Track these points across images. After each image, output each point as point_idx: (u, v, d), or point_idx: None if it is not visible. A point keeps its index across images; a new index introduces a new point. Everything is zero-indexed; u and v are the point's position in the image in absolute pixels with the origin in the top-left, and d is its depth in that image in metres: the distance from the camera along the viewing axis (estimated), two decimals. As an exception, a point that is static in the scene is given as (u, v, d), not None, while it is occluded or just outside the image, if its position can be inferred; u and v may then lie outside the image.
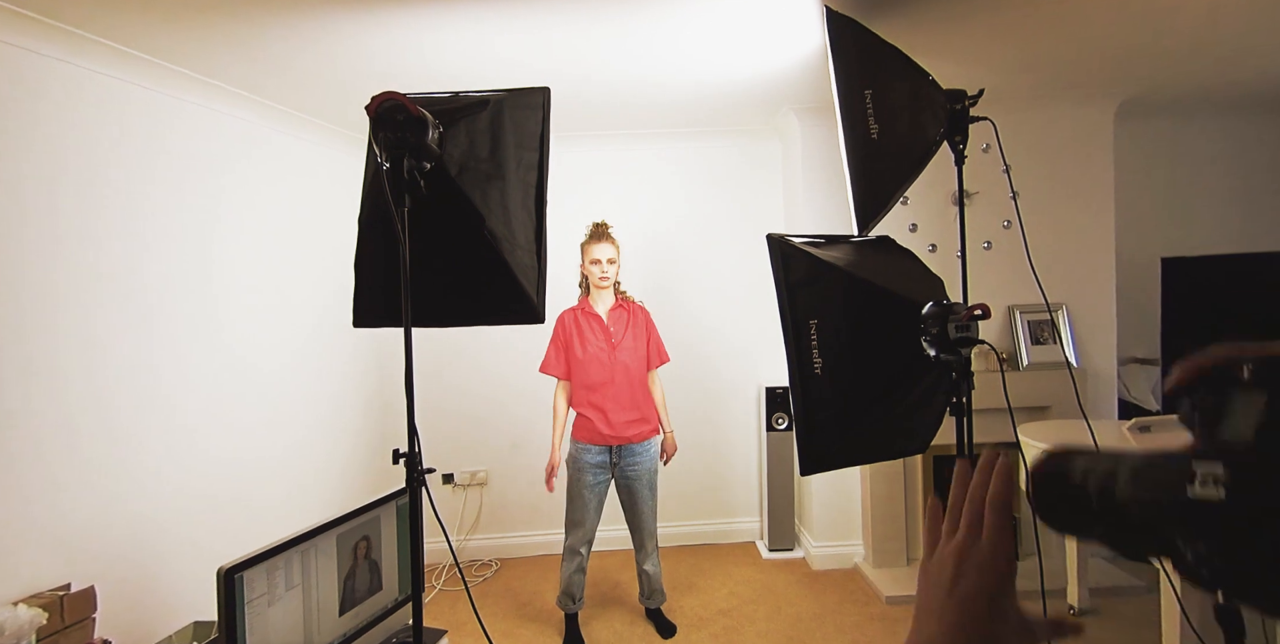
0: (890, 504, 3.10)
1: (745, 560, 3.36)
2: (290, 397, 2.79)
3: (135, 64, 2.06)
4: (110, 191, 2.03)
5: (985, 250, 3.11)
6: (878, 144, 1.69)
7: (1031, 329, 3.11)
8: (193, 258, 2.32)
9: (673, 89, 2.67)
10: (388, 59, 2.19)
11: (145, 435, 2.10)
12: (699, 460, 3.54)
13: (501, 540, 3.51)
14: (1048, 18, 2.06)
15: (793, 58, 2.35)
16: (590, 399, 2.55)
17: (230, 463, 2.44)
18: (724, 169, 3.51)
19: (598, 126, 3.24)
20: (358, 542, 1.70)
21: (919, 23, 2.04)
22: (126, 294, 2.05)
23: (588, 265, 2.59)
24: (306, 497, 2.84)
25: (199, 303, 2.33)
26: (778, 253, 1.59)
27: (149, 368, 2.12)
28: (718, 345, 3.54)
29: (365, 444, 3.29)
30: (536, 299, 1.48)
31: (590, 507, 2.55)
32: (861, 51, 1.74)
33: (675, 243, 3.51)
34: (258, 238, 2.64)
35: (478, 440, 3.49)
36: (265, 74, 2.30)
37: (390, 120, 1.26)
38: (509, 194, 1.45)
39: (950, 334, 1.42)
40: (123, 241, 2.05)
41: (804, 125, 3.11)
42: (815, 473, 1.53)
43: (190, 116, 2.32)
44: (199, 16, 1.83)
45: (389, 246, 1.39)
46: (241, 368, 2.52)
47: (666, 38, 2.10)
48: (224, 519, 2.38)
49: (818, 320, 1.52)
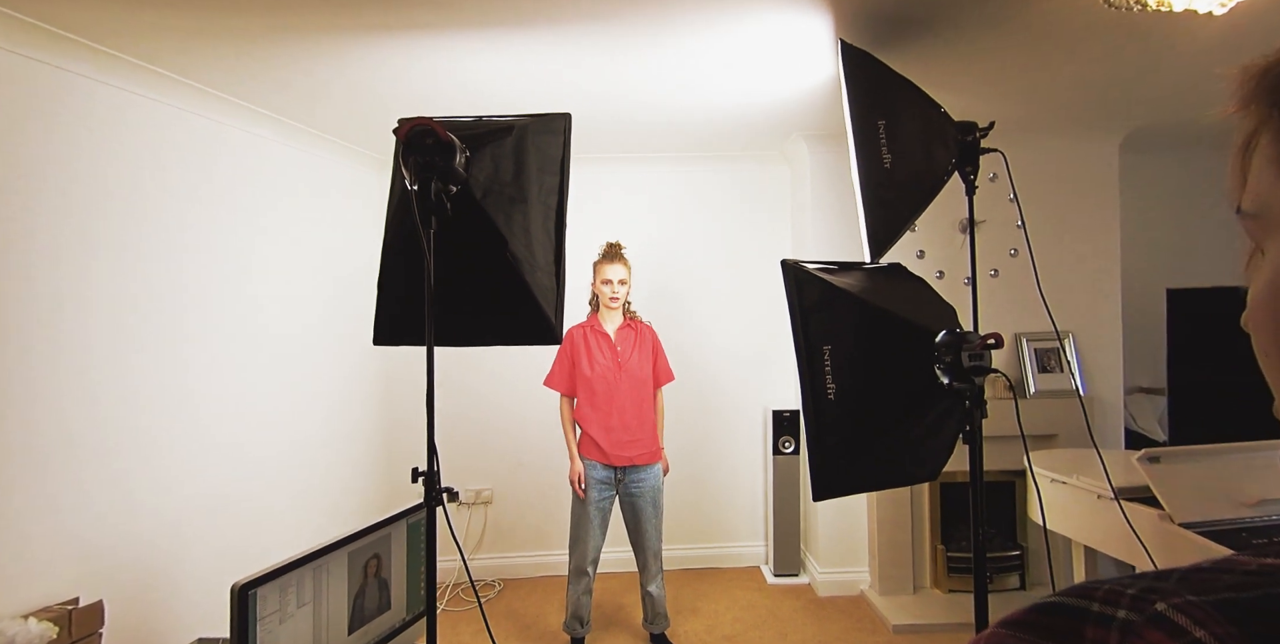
0: (897, 531, 3.08)
1: (750, 585, 3.33)
2: (298, 415, 2.80)
3: (176, 88, 2.13)
4: (151, 209, 2.08)
5: (992, 278, 3.14)
6: (890, 173, 1.73)
7: (1039, 357, 3.12)
8: (227, 280, 2.38)
9: (687, 113, 2.73)
10: (418, 83, 2.25)
11: (154, 452, 2.10)
12: (704, 483, 3.53)
13: (505, 560, 3.49)
14: (1053, 55, 2.12)
15: (804, 86, 2.41)
16: (595, 419, 2.56)
17: (237, 480, 2.44)
18: (733, 192, 3.56)
19: (611, 147, 3.30)
20: (368, 560, 1.70)
21: (930, 56, 2.10)
22: (151, 315, 2.08)
23: (599, 285, 2.62)
24: (311, 514, 2.84)
25: (223, 325, 2.36)
26: (792, 278, 1.61)
27: (163, 384, 2.14)
28: (724, 368, 3.55)
29: (372, 461, 3.29)
30: (554, 320, 1.50)
31: (595, 523, 2.55)
32: (875, 82, 1.79)
33: (683, 264, 3.55)
34: (284, 258, 2.68)
35: (483, 458, 3.48)
36: (299, 99, 2.37)
37: (420, 144, 1.30)
38: (531, 217, 1.49)
39: (964, 362, 1.44)
40: (161, 262, 2.11)
41: (813, 152, 3.16)
42: (827, 498, 1.53)
43: (230, 140, 2.39)
44: (241, 45, 1.88)
45: (412, 266, 1.42)
46: (253, 384, 2.53)
47: (684, 64, 2.16)
48: (228, 537, 2.37)
49: (831, 346, 1.54)
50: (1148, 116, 2.89)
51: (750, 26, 1.86)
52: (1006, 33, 1.92)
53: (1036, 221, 3.14)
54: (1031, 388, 3.08)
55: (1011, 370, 3.13)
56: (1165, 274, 3.46)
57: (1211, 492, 1.89)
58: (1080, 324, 3.17)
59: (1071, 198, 3.19)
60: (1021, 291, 3.09)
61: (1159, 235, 3.53)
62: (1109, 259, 3.20)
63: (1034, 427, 3.04)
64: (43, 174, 1.76)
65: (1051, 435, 3.04)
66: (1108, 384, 3.18)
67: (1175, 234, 3.55)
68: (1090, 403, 3.08)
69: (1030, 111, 2.77)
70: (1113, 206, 3.20)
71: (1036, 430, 3.04)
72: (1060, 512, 2.31)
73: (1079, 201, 3.19)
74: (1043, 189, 3.15)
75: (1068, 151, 3.17)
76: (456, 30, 1.85)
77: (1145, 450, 1.99)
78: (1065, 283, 3.17)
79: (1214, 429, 2.57)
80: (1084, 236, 3.19)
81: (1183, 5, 1.45)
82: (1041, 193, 3.14)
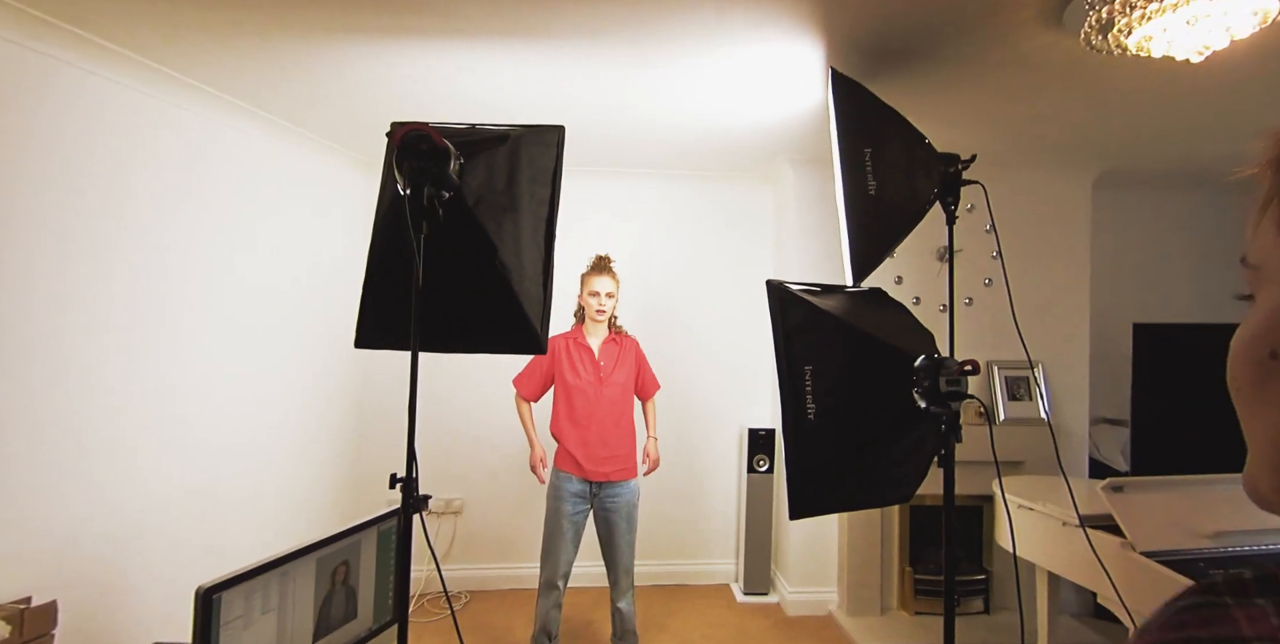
0: (867, 551, 3.10)
1: (720, 603, 3.32)
2: (270, 415, 2.75)
3: (164, 81, 2.10)
4: (132, 201, 2.05)
5: (966, 306, 3.22)
6: (875, 200, 1.77)
7: (1009, 385, 3.19)
8: (205, 278, 2.34)
9: (677, 131, 2.77)
10: (413, 88, 2.25)
11: (123, 450, 2.05)
12: (677, 499, 3.52)
13: (472, 572, 3.43)
14: (1035, 93, 2.20)
15: (791, 111, 2.46)
16: (573, 433, 2.55)
17: (205, 479, 2.38)
18: (718, 211, 3.60)
19: (601, 161, 3.32)
20: (337, 566, 1.66)
21: (915, 88, 2.16)
22: (126, 311, 2.04)
23: (586, 297, 2.62)
24: (279, 516, 2.77)
25: (199, 323, 2.32)
26: (776, 298, 1.64)
27: (136, 380, 2.09)
28: (703, 385, 3.57)
29: (341, 464, 3.23)
30: (540, 330, 1.50)
31: (568, 537, 2.52)
32: (863, 111, 1.84)
33: (666, 279, 3.57)
34: (264, 257, 2.65)
35: (455, 468, 3.44)
36: (292, 98, 2.36)
37: (415, 149, 1.31)
38: (521, 227, 1.49)
39: (941, 387, 1.47)
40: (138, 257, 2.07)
41: (798, 175, 3.22)
42: (804, 517, 1.55)
43: (216, 136, 2.37)
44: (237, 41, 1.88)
45: (399, 270, 1.41)
46: (227, 382, 2.48)
47: (676, 84, 2.19)
48: (191, 537, 2.31)
49: (813, 366, 1.56)
50: (1123, 156, 3.01)
51: (744, 51, 1.91)
52: (990, 68, 1.99)
53: (1010, 253, 3.22)
54: (1001, 415, 3.14)
55: (983, 397, 3.20)
56: (1132, 309, 3.57)
57: (1172, 522, 1.95)
58: (1049, 354, 3.26)
59: (1045, 231, 3.29)
60: (993, 320, 3.17)
61: (1128, 271, 3.65)
62: (1079, 292, 3.29)
63: (1002, 453, 3.09)
64: (22, 161, 1.73)
65: (1019, 462, 3.10)
66: (1073, 414, 3.26)
67: (1144, 270, 3.67)
68: (1056, 431, 3.15)
69: (1010, 146, 2.87)
70: (1084, 241, 3.30)
71: (1005, 457, 3.10)
72: (1026, 537, 2.35)
73: (1052, 235, 3.30)
74: (1018, 222, 3.24)
75: (1044, 186, 3.27)
76: (456, 38, 1.86)
77: (1109, 480, 2.04)
78: (1036, 313, 3.26)
79: (1174, 461, 2.65)
80: (1056, 269, 3.29)
81: (1161, 51, 1.52)
82: (1017, 225, 3.24)
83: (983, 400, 3.19)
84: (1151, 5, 1.40)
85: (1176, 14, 1.41)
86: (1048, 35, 1.75)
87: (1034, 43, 1.80)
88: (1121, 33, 1.51)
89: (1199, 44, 1.46)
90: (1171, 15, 1.42)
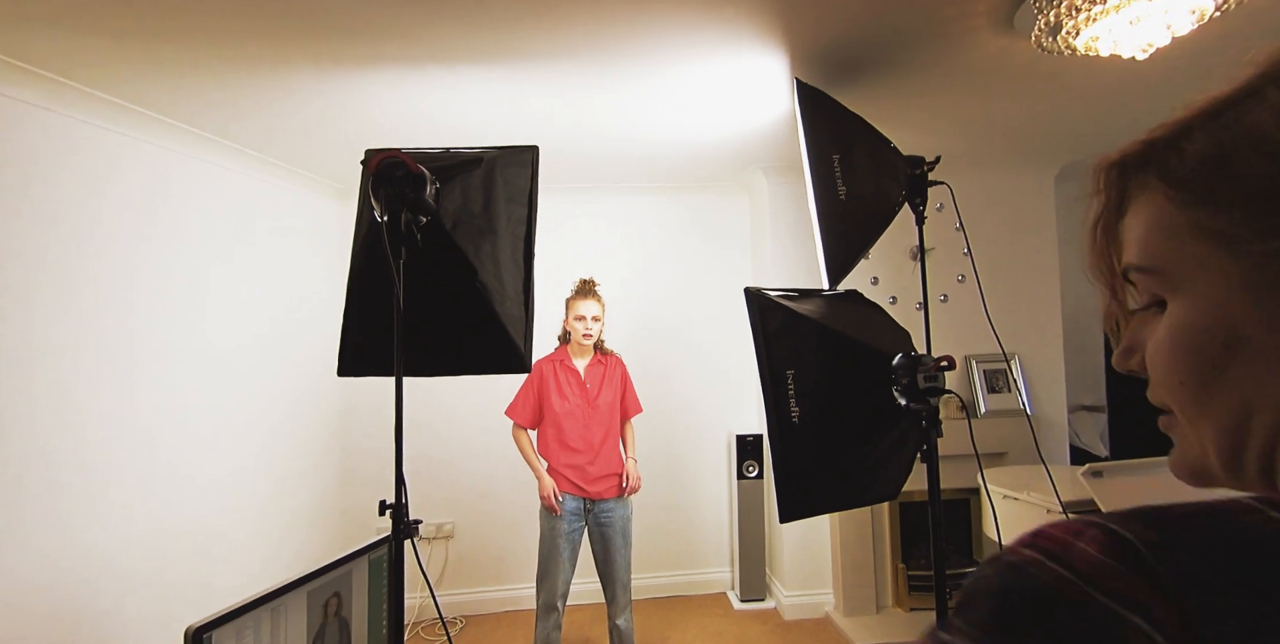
0: (860, 551, 3.13)
1: (717, 612, 3.31)
2: (251, 448, 2.71)
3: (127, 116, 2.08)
4: (99, 237, 2.02)
5: (942, 303, 3.28)
6: (845, 204, 1.81)
7: (988, 378, 3.25)
8: (177, 309, 2.30)
9: (649, 146, 2.80)
10: (383, 114, 2.25)
11: (99, 487, 2.00)
12: (670, 510, 3.52)
13: (467, 596, 3.39)
14: (992, 94, 2.26)
15: (761, 121, 2.51)
16: (564, 456, 2.54)
17: (186, 515, 2.33)
18: (695, 222, 3.64)
19: (576, 178, 3.34)
20: (329, 598, 1.64)
21: (879, 94, 2.22)
22: (98, 345, 2.00)
23: (572, 321, 2.61)
24: (264, 549, 2.72)
25: (173, 355, 2.28)
26: (755, 305, 1.66)
27: (109, 416, 2.04)
28: (688, 393, 3.59)
29: (328, 494, 3.18)
30: (524, 348, 1.51)
31: (564, 556, 2.51)
32: (829, 119, 1.88)
33: (646, 292, 3.59)
34: (238, 288, 2.62)
35: (444, 491, 3.40)
36: (259, 128, 2.34)
37: (390, 176, 1.31)
38: (500, 247, 1.50)
39: (919, 384, 1.50)
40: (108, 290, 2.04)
41: (771, 183, 3.27)
42: (794, 520, 1.56)
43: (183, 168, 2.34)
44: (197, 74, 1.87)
45: (379, 297, 1.41)
46: (205, 415, 2.44)
47: (647, 99, 2.22)
48: (175, 576, 2.25)
49: (795, 370, 1.59)
50: (1082, 149, 3.10)
51: (711, 64, 1.95)
52: (948, 72, 2.05)
53: (981, 249, 3.29)
54: (982, 407, 3.20)
55: (963, 391, 3.25)
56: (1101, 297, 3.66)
57: (1150, 503, 1.99)
58: (1025, 346, 3.33)
59: (1013, 226, 3.37)
60: (969, 316, 3.23)
61: (1092, 261, 3.74)
62: (1049, 283, 3.38)
63: (985, 445, 3.15)
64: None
65: (1002, 453, 3.15)
66: (1052, 403, 3.32)
67: (1107, 260, 3.76)
68: (1036, 421, 3.22)
69: (973, 146, 2.94)
70: (1051, 234, 3.39)
71: (988, 449, 3.15)
72: (1013, 527, 2.39)
73: (1020, 230, 3.38)
74: (986, 218, 3.32)
75: (1008, 183, 3.36)
76: (428, 63, 1.87)
77: (1089, 465, 2.09)
78: (1010, 306, 3.33)
79: (1151, 444, 2.71)
80: (1025, 263, 3.37)
81: (1108, 50, 1.58)
82: (985, 222, 3.32)
83: (963, 395, 3.25)
84: (1096, 8, 1.46)
85: (1120, 15, 1.47)
86: (1000, 39, 1.81)
87: (988, 47, 1.86)
88: (1070, 34, 1.57)
89: (1143, 42, 1.52)
90: (1115, 16, 1.48)
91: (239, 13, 1.56)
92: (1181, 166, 0.37)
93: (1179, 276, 0.37)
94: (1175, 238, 0.37)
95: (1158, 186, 0.38)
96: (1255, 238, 0.33)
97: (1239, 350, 0.34)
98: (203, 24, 1.61)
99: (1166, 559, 0.28)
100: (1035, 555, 0.30)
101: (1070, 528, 0.30)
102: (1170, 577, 0.27)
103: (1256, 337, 0.34)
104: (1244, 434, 0.35)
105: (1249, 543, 0.28)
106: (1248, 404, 0.35)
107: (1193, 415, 0.38)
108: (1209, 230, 0.35)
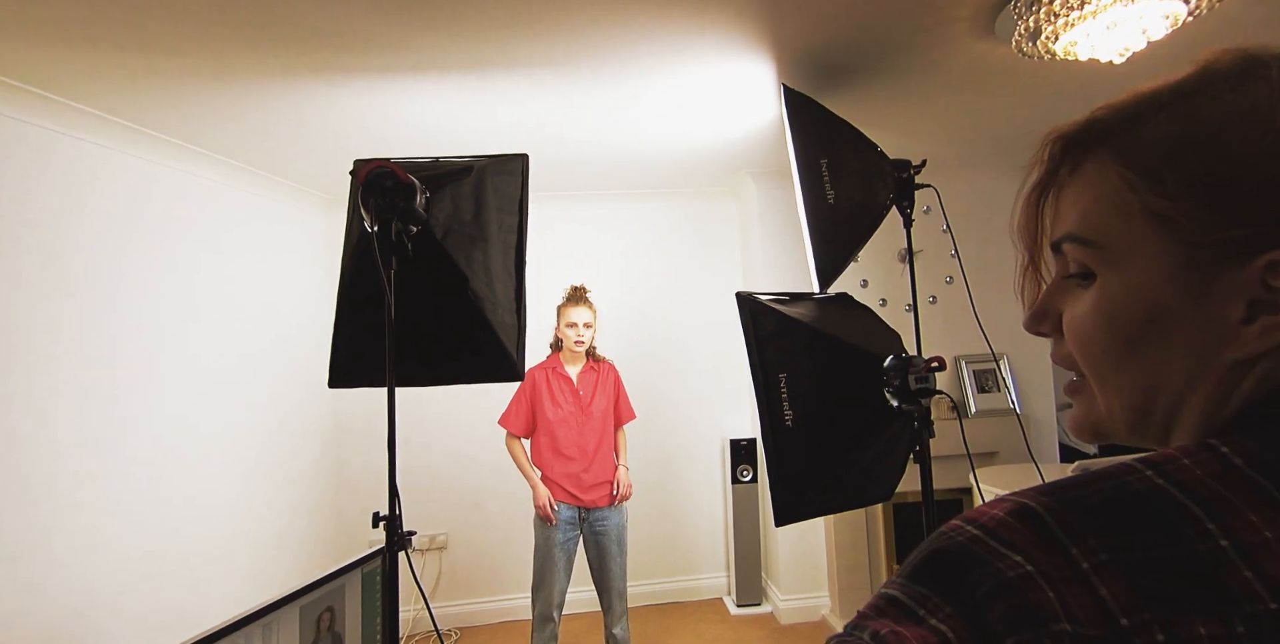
0: (854, 553, 3.13)
1: (713, 617, 3.30)
2: (238, 463, 2.67)
3: (110, 128, 2.06)
4: (79, 252, 1.98)
5: (931, 304, 3.31)
6: (834, 208, 1.83)
7: (978, 378, 3.28)
8: (160, 323, 2.27)
9: (639, 152, 2.81)
10: (370, 124, 2.25)
11: (80, 508, 1.96)
12: (664, 517, 3.51)
13: (462, 608, 3.36)
14: (976, 97, 2.30)
15: (750, 127, 2.53)
16: (558, 464, 2.52)
17: (172, 535, 2.29)
18: (686, 227, 3.65)
19: (566, 185, 3.35)
20: (321, 613, 1.62)
21: (865, 100, 2.24)
22: (79, 360, 1.97)
23: (563, 328, 2.60)
24: (254, 567, 2.68)
25: (157, 370, 2.25)
26: (747, 309, 1.67)
27: (91, 435, 2.01)
28: (682, 398, 3.58)
29: (319, 508, 3.14)
30: (517, 357, 1.50)
31: (560, 566, 2.49)
32: (816, 124, 1.90)
33: (637, 298, 3.59)
34: (224, 300, 2.59)
35: (437, 503, 3.37)
36: (239, 140, 2.33)
37: (380, 186, 1.31)
38: (491, 256, 1.50)
39: (911, 385, 1.51)
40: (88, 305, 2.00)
41: (760, 188, 3.29)
42: (789, 523, 1.56)
43: (166, 179, 2.31)
44: (179, 84, 1.85)
45: (370, 307, 1.40)
46: (190, 431, 2.41)
47: (636, 106, 2.23)
48: (162, 598, 2.22)
49: (787, 374, 1.59)
50: (1059, 153, 3.14)
51: (699, 71, 1.96)
52: (932, 77, 2.08)
53: (969, 251, 3.33)
54: (973, 408, 3.22)
55: (954, 392, 3.27)
56: (1085, 297, 3.70)
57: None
58: (1013, 345, 3.36)
59: (998, 228, 3.41)
60: (958, 317, 3.26)
61: (1077, 261, 3.79)
62: (1034, 284, 3.41)
63: (977, 445, 3.17)
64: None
65: (993, 453, 3.17)
66: (1041, 402, 3.35)
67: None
68: (1026, 420, 3.25)
69: (959, 149, 2.98)
70: (1034, 235, 3.42)
71: (980, 448, 3.17)
72: (1007, 527, 2.40)
73: (1005, 231, 3.41)
74: (973, 221, 3.36)
75: (994, 185, 3.40)
76: (413, 73, 1.87)
77: (1078, 462, 2.11)
78: (997, 307, 3.35)
79: (1139, 441, 2.73)
80: (1012, 263, 3.38)
81: (1087, 54, 1.61)
82: (972, 224, 3.35)
83: (953, 395, 3.28)
84: (1074, 13, 1.49)
85: (1097, 20, 1.50)
86: (982, 45, 1.84)
87: (971, 52, 1.89)
88: (1049, 39, 1.60)
89: (1119, 46, 1.55)
90: (1093, 21, 1.51)
91: (220, 22, 1.55)
92: (1137, 150, 0.38)
93: (1118, 253, 0.39)
94: (1122, 216, 0.38)
95: (1111, 166, 0.39)
96: (1198, 229, 0.35)
97: (1160, 329, 0.37)
98: (185, 34, 1.60)
99: (1057, 517, 0.32)
100: (958, 522, 0.35)
101: (994, 502, 0.35)
102: (1058, 529, 0.32)
103: (1178, 318, 0.36)
104: (1151, 402, 0.38)
105: (1125, 500, 0.33)
106: (1158, 377, 0.38)
107: (1106, 382, 0.40)
108: (1157, 215, 0.36)
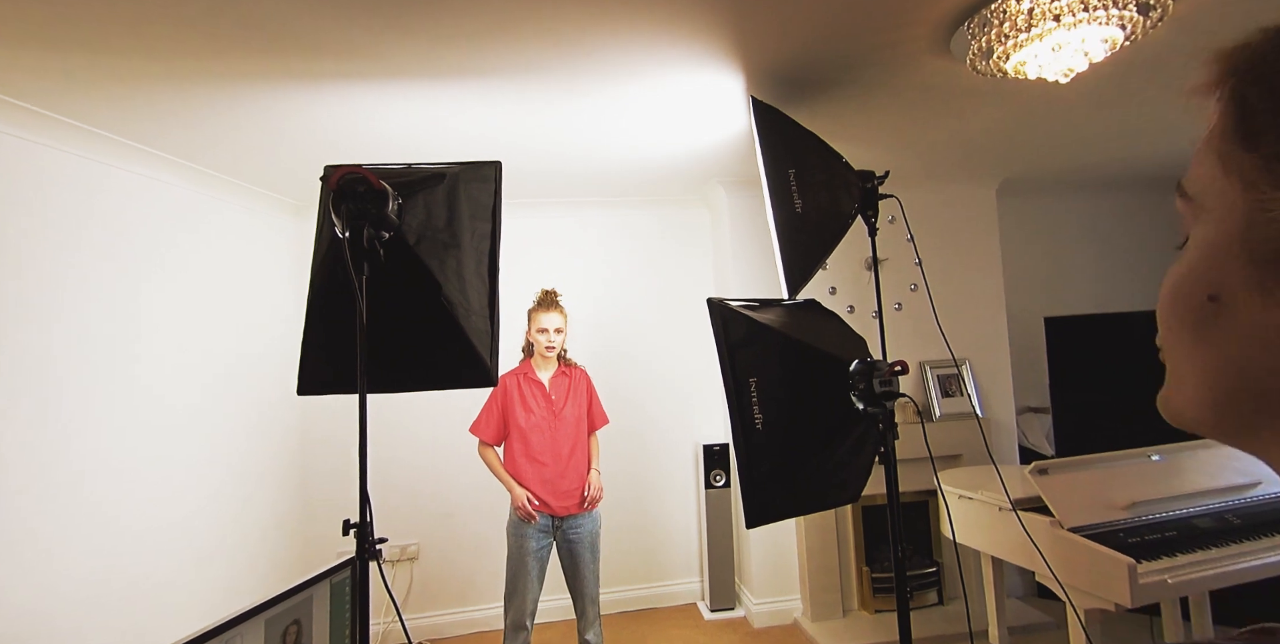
0: (825, 555, 3.18)
1: (687, 623, 3.32)
2: (197, 478, 2.61)
3: (61, 130, 2.01)
4: (47, 263, 1.93)
5: (896, 311, 3.40)
6: (802, 217, 1.88)
7: (941, 383, 3.37)
8: (111, 332, 2.20)
9: (612, 162, 2.85)
10: (340, 130, 2.23)
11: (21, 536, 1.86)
12: (638, 522, 3.52)
13: (433, 619, 3.31)
14: (935, 112, 2.38)
15: (720, 137, 2.58)
16: (532, 471, 2.52)
17: (124, 558, 2.20)
18: (658, 235, 3.69)
19: (539, 192, 3.36)
20: (288, 626, 1.59)
21: (830, 112, 2.31)
22: (19, 374, 1.90)
23: (534, 334, 2.60)
24: (217, 583, 2.61)
25: (106, 383, 2.18)
26: (718, 316, 1.71)
27: (33, 456, 1.92)
28: (656, 404, 3.61)
29: (285, 521, 3.08)
30: (490, 363, 1.51)
31: (533, 574, 2.48)
32: (784, 135, 1.95)
33: (610, 306, 3.62)
34: (182, 307, 2.53)
35: (407, 513, 3.33)
36: (205, 143, 2.29)
37: (352, 192, 1.31)
38: (464, 262, 1.51)
39: (875, 389, 1.56)
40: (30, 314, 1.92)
41: (730, 196, 3.35)
42: (760, 525, 1.60)
43: (120, 183, 2.25)
44: (139, 88, 1.83)
45: (341, 313, 1.40)
46: (143, 446, 2.34)
47: (608, 115, 2.27)
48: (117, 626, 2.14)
49: (757, 378, 1.63)
50: (1019, 165, 3.27)
51: (670, 82, 2.00)
52: (895, 93, 2.16)
53: (931, 259, 3.43)
54: (937, 411, 3.31)
55: (919, 396, 3.36)
56: (1043, 303, 3.85)
57: (1093, 497, 2.10)
58: (974, 351, 3.47)
59: (959, 237, 3.52)
60: (923, 323, 3.36)
61: (1036, 269, 3.94)
62: (994, 292, 3.54)
63: (942, 448, 3.26)
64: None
65: (957, 455, 3.26)
66: (1001, 405, 3.47)
67: (1049, 268, 3.97)
68: (987, 423, 3.35)
69: (920, 161, 3.08)
70: (994, 244, 3.56)
71: (944, 451, 3.26)
72: (968, 525, 2.48)
73: (965, 240, 3.54)
74: (935, 230, 3.47)
75: (953, 196, 3.52)
76: (387, 80, 1.88)
77: (1035, 464, 2.19)
78: (959, 314, 3.47)
79: (1094, 442, 2.85)
80: (972, 272, 3.52)
81: (1035, 74, 1.69)
82: (934, 233, 3.46)
83: (918, 399, 3.36)
84: (1022, 35, 1.57)
85: (1043, 42, 1.58)
86: (939, 62, 1.91)
87: (928, 69, 1.97)
88: (1000, 59, 1.67)
89: (1064, 67, 1.63)
90: (1039, 44, 1.59)
91: (187, 24, 1.54)
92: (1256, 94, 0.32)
93: (1200, 208, 0.35)
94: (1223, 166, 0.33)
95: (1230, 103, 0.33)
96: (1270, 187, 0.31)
97: (1222, 309, 0.33)
98: (149, 34, 1.58)
99: None
100: None
101: None
102: None
103: (1239, 298, 0.32)
104: (1219, 391, 0.34)
105: None
106: (1229, 362, 0.33)
107: (1176, 360, 0.37)
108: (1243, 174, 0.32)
